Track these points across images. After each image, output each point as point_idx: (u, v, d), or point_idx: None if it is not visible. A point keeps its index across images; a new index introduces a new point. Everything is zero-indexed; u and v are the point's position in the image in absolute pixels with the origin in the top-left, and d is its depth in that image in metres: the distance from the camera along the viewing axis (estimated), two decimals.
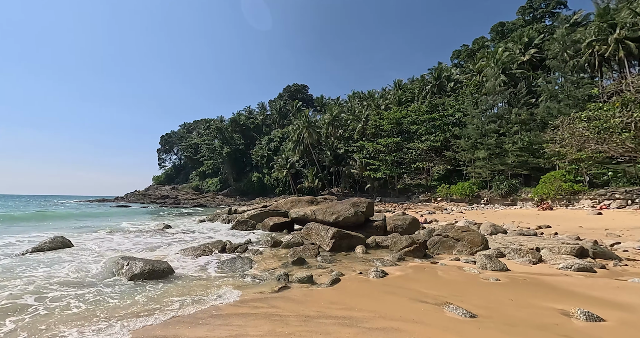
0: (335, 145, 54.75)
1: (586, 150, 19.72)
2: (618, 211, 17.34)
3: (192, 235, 9.67)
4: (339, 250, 8.02)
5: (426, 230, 9.26)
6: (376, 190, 48.45)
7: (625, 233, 9.70)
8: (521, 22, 56.27)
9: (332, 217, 10.68)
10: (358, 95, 67.35)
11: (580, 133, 19.88)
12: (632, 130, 18.12)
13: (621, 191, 20.03)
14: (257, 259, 6.72)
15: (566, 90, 30.14)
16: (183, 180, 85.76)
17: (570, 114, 24.64)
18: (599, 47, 37.48)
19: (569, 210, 20.66)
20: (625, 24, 35.43)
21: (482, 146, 32.01)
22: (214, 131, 74.05)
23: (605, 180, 24.80)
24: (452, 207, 31.33)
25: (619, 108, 19.40)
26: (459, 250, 7.61)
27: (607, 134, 18.91)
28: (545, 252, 6.79)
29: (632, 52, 35.76)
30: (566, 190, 23.01)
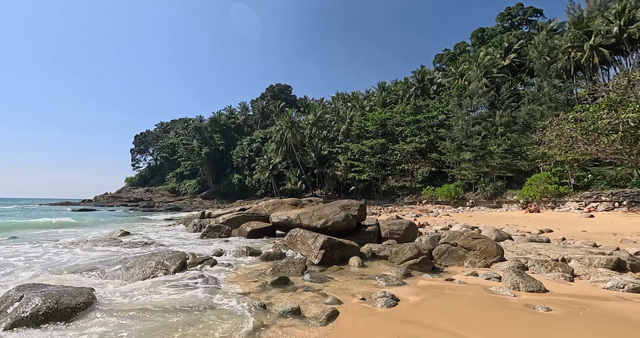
0: (319, 146, 53.52)
1: (575, 151, 19.56)
2: (608, 213, 17.11)
3: (150, 246, 7.95)
4: (330, 263, 6.65)
5: (428, 237, 8.09)
6: (360, 192, 47.55)
7: (639, 239, 8.96)
8: (500, 28, 57.72)
9: (320, 221, 9.31)
10: (342, 96, 66.63)
11: (569, 134, 19.71)
12: (619, 131, 18.07)
13: (607, 193, 20.00)
14: (227, 278, 5.22)
15: (548, 94, 30.50)
16: (159, 182, 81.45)
17: (552, 116, 24.76)
18: (575, 54, 38.63)
19: (556, 213, 20.40)
20: (600, 31, 36.65)
21: (467, 148, 31.81)
22: (193, 131, 70.87)
23: (587, 183, 25.02)
24: (437, 209, 30.80)
25: (605, 109, 19.39)
26: (472, 262, 6.44)
27: (595, 134, 18.81)
28: (574, 264, 5.74)
29: (606, 59, 37.09)
30: (552, 192, 22.90)
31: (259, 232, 10.39)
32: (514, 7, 56.73)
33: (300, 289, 4.77)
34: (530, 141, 27.48)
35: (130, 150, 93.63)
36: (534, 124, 28.75)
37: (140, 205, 56.48)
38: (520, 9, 56.39)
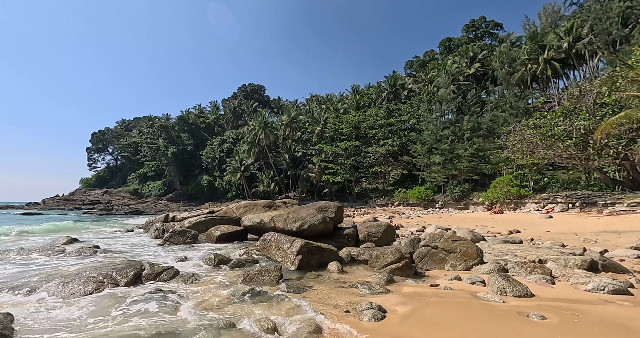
0: (293, 147, 52.86)
1: (535, 155, 20.84)
2: (564, 214, 18.32)
3: (99, 255, 6.93)
4: (308, 269, 6.16)
5: (407, 240, 7.90)
6: (334, 194, 47.55)
7: (597, 237, 9.48)
8: (465, 39, 61.04)
9: (296, 224, 8.79)
10: (316, 98, 66.57)
11: (529, 139, 20.99)
12: (573, 137, 19.52)
13: (562, 195, 21.50)
14: (189, 292, 4.53)
15: (509, 101, 32.50)
16: (119, 184, 75.77)
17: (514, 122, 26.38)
18: (531, 66, 41.74)
19: (518, 214, 21.55)
20: (552, 46, 39.89)
21: (437, 151, 32.93)
22: (159, 129, 66.88)
23: (543, 186, 26.85)
24: (409, 211, 31.46)
25: (561, 117, 20.90)
26: (452, 265, 6.29)
27: (552, 140, 20.17)
28: (551, 265, 5.77)
29: (558, 71, 40.43)
30: (514, 194, 24.24)
31: (229, 236, 9.63)
32: (477, 19, 60.31)
33: (275, 301, 4.24)
34: (494, 146, 29.05)
35: (86, 149, 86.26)
36: (498, 130, 30.48)
37: (97, 208, 51.95)
38: (483, 21, 60.07)
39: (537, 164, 23.99)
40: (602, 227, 11.62)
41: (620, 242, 8.69)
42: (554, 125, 20.41)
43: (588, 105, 20.35)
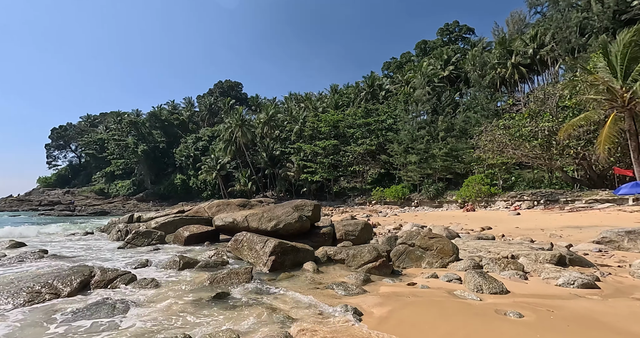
0: (271, 146, 52.02)
1: (505, 155, 21.76)
2: (530, 211, 19.26)
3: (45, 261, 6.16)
4: (282, 270, 5.85)
5: (385, 238, 7.80)
6: (313, 193, 47.34)
7: (562, 233, 9.92)
8: (440, 42, 63.03)
9: (271, 223, 8.43)
10: (295, 96, 66.04)
11: (500, 139, 21.89)
12: (539, 138, 20.58)
13: (528, 193, 22.63)
14: (145, 300, 4.07)
15: (481, 103, 33.84)
16: (83, 183, 70.95)
17: (485, 123, 27.48)
18: (500, 70, 43.78)
19: (489, 211, 22.43)
20: (519, 51, 42.06)
21: (413, 151, 33.62)
22: (128, 125, 63.30)
23: (510, 184, 28.17)
24: (386, 209, 31.90)
25: (528, 119, 21.98)
26: (429, 262, 6.23)
27: (520, 140, 21.16)
28: (523, 260, 5.85)
29: (524, 75, 42.70)
30: (485, 192, 25.21)
31: (199, 237, 9.07)
32: (451, 23, 62.47)
33: (243, 306, 3.90)
34: (466, 146, 30.11)
35: (45, 146, 79.88)
36: (470, 130, 31.63)
37: (56, 209, 48.21)
38: (457, 26, 62.34)
39: (506, 164, 25.10)
40: (565, 223, 12.25)
41: (582, 237, 9.13)
42: (522, 126, 21.44)
43: (551, 107, 21.56)
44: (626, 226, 11.34)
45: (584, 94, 16.02)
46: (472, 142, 26.87)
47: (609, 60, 14.52)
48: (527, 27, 48.91)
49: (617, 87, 13.97)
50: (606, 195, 17.59)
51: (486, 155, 23.18)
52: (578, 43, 34.72)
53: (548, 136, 21.11)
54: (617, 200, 16.28)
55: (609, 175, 20.84)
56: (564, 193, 20.51)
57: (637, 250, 6.79)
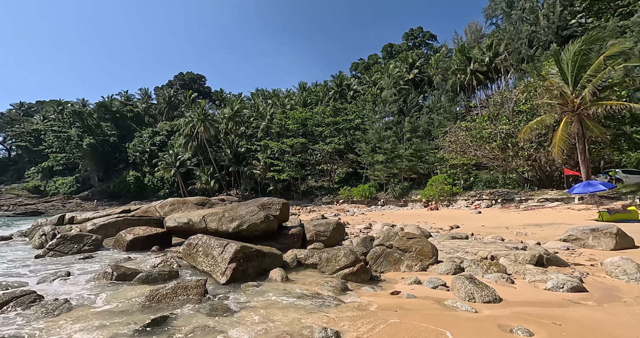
0: (236, 143, 49.78)
1: (467, 155, 22.62)
2: (489, 209, 20.17)
3: None
4: (244, 279, 4.97)
5: (359, 239, 7.22)
6: (279, 192, 46.08)
7: (525, 230, 10.17)
8: (405, 46, 65.20)
9: (233, 224, 7.45)
10: (262, 92, 64.16)
11: (462, 140, 22.73)
12: (497, 140, 21.66)
13: (487, 192, 23.82)
14: (42, 332, 2.97)
15: (444, 106, 35.28)
16: (13, 179, 62.05)
17: (448, 124, 28.58)
18: (460, 75, 46.17)
19: (451, 210, 23.20)
20: (477, 59, 44.68)
21: (380, 150, 34.03)
22: (71, 116, 56.51)
23: (469, 184, 29.62)
24: (353, 208, 31.88)
25: (487, 121, 23.08)
26: (408, 265, 5.75)
27: (481, 142, 22.13)
28: (504, 261, 5.60)
29: (482, 82, 45.44)
30: (447, 192, 26.14)
31: (146, 241, 7.76)
32: (415, 29, 64.92)
33: (189, 335, 3.00)
34: (430, 147, 31.12)
35: None
36: (433, 132, 32.77)
37: None
38: (421, 32, 64.92)
39: (466, 164, 26.24)
40: (525, 221, 12.76)
41: (546, 235, 9.38)
42: (482, 128, 22.45)
43: (508, 111, 22.87)
44: (578, 223, 12.09)
45: (539, 98, 17.03)
46: (436, 142, 27.73)
47: (560, 68, 15.53)
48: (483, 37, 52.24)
49: (569, 92, 15.00)
50: (554, 194, 18.95)
51: (450, 155, 23.97)
52: (527, 54, 37.61)
53: (505, 138, 22.35)
54: (565, 199, 17.59)
55: (556, 176, 22.61)
56: (518, 192, 21.84)
57: (601, 247, 6.95)
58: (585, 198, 15.94)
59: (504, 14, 42.55)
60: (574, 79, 15.01)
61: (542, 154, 21.00)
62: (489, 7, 44.37)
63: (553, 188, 20.94)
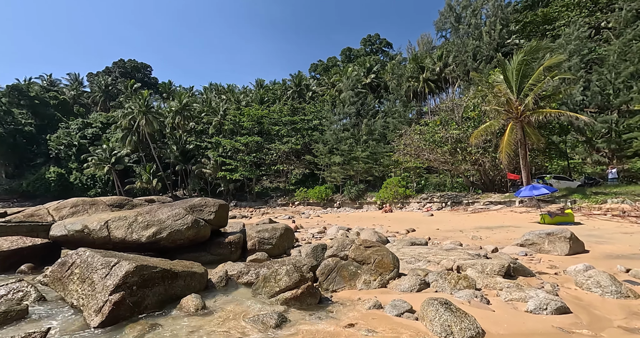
0: (184, 139, 45.70)
1: (420, 158, 23.01)
2: (440, 212, 20.60)
3: None
4: (136, 314, 3.45)
5: (310, 248, 6.05)
6: (231, 193, 43.27)
7: (479, 234, 9.98)
8: (363, 51, 66.74)
9: (148, 231, 5.77)
10: (216, 87, 60.41)
11: (416, 143, 23.08)
12: (448, 144, 22.36)
13: (437, 195, 24.51)
14: None
15: (398, 110, 36.21)
16: None
17: (403, 127, 29.17)
18: (413, 83, 48.25)
19: (404, 212, 23.37)
20: (429, 68, 47.08)
21: (337, 152, 33.62)
22: None
23: (421, 187, 30.57)
24: (309, 210, 30.85)
25: (439, 126, 23.81)
26: (366, 281, 4.72)
27: (433, 145, 22.66)
28: (471, 273, 4.87)
29: (433, 90, 47.94)
30: (401, 194, 26.45)
31: (14, 257, 5.64)
32: (373, 35, 66.85)
33: None
34: (385, 150, 31.52)
35: None
36: (389, 135, 33.32)
37: None
38: (378, 38, 67.03)
39: (419, 168, 26.90)
40: (476, 224, 12.85)
41: (499, 238, 9.22)
42: (435, 132, 23.07)
43: (458, 118, 23.87)
44: (523, 225, 12.49)
45: (488, 104, 17.79)
46: (392, 145, 28.06)
47: (506, 76, 16.34)
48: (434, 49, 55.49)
49: (513, 99, 15.80)
50: (498, 197, 19.99)
51: (404, 158, 24.24)
52: (472, 67, 40.54)
53: (455, 143, 23.25)
54: (507, 202, 18.58)
55: (498, 180, 24.11)
56: (466, 195, 22.76)
57: (556, 252, 6.74)
58: (525, 202, 16.91)
59: (452, 28, 45.40)
60: (518, 87, 15.83)
61: (487, 158, 22.18)
62: (439, 21, 47.01)
63: (496, 192, 22.20)
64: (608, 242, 8.16)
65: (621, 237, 8.82)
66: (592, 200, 14.58)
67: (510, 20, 40.43)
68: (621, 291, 4.06)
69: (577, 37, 26.97)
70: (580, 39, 27.25)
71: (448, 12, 44.49)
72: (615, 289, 4.08)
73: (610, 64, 22.56)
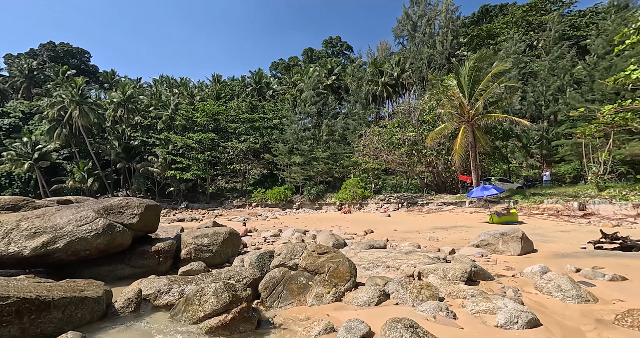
0: (128, 134, 41.27)
1: (379, 159, 23.18)
2: (397, 212, 20.87)
3: None
4: None
5: (255, 256, 5.14)
6: (182, 194, 40.04)
7: (435, 235, 9.92)
8: (325, 53, 67.02)
9: (34, 242, 4.41)
10: (167, 80, 55.87)
11: (375, 145, 23.23)
12: (406, 146, 22.85)
13: (394, 196, 24.96)
14: None
15: (358, 112, 36.61)
16: None
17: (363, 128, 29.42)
18: (372, 87, 49.43)
19: (363, 213, 23.36)
20: (388, 73, 48.59)
21: (297, 152, 32.83)
22: None
23: (379, 188, 31.10)
24: (267, 212, 29.57)
25: (397, 128, 24.28)
26: (318, 295, 3.99)
27: (391, 147, 22.99)
28: (433, 279, 4.41)
29: (391, 94, 49.54)
30: (360, 195, 26.51)
31: None
32: (334, 38, 67.56)
33: None
34: (345, 151, 31.51)
35: None
36: (349, 137, 33.43)
37: None
38: (339, 41, 67.88)
39: (377, 169, 27.23)
40: (431, 224, 12.97)
41: (454, 239, 9.19)
42: (393, 134, 23.46)
43: (414, 121, 24.59)
44: (475, 225, 12.87)
45: (442, 107, 18.41)
46: (352, 147, 28.07)
47: (459, 81, 17.03)
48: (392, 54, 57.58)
49: (466, 103, 16.50)
50: (450, 198, 20.85)
51: (363, 159, 24.29)
52: (427, 73, 42.69)
53: (411, 145, 23.89)
54: (458, 203, 19.42)
55: (449, 182, 25.30)
56: (421, 196, 23.47)
57: (509, 252, 6.71)
58: (475, 202, 17.76)
59: (409, 36, 47.39)
60: (470, 91, 16.56)
61: (440, 161, 23.09)
62: (397, 28, 48.82)
63: (448, 193, 23.20)
64: (551, 240, 8.52)
65: (561, 236, 9.33)
66: (531, 201, 15.70)
67: (460, 33, 43.35)
68: (582, 295, 3.87)
69: (514, 52, 29.58)
70: (517, 53, 29.94)
71: (405, 20, 46.31)
72: (576, 293, 3.88)
73: (542, 77, 24.96)
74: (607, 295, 4.04)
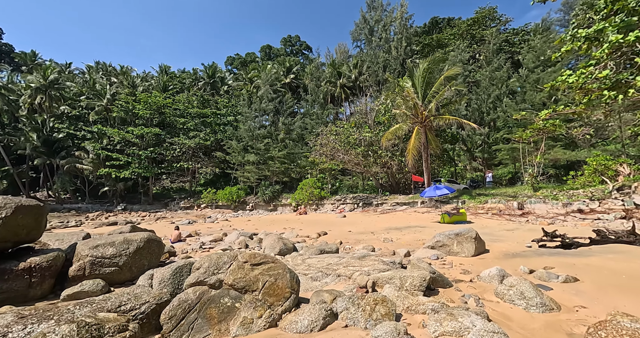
0: (51, 125, 35.61)
1: (336, 160, 22.77)
2: (353, 213, 20.61)
3: None
4: None
5: (171, 269, 4.00)
6: (120, 194, 35.64)
7: (390, 236, 9.55)
8: (283, 51, 65.83)
9: None
10: (104, 67, 49.79)
11: (332, 144, 22.81)
12: (362, 146, 22.79)
13: (350, 197, 24.79)
14: None
15: (316, 112, 36.14)
16: None
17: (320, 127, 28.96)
18: (331, 88, 49.56)
19: (319, 214, 22.76)
20: (346, 75, 49.12)
21: (252, 150, 31.22)
22: None
23: (335, 189, 30.88)
24: (217, 214, 27.46)
25: (354, 128, 24.18)
26: (246, 321, 3.04)
27: (348, 147, 22.76)
28: (389, 291, 3.73)
29: (349, 96, 50.07)
30: (316, 196, 25.89)
31: None
32: (293, 36, 66.76)
33: None
34: (303, 151, 30.74)
35: None
36: (306, 136, 32.73)
37: None
38: (298, 40, 67.24)
39: (334, 169, 26.92)
40: (386, 225, 12.73)
41: (409, 239, 8.87)
42: (350, 134, 23.29)
43: (370, 122, 24.76)
44: (427, 225, 12.88)
45: (398, 107, 18.60)
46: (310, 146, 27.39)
47: (414, 82, 17.34)
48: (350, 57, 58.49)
49: (419, 103, 16.83)
50: (403, 198, 21.22)
51: (320, 159, 23.73)
52: (382, 77, 43.97)
53: (367, 146, 23.99)
54: (411, 203, 19.80)
55: (403, 182, 25.92)
56: (376, 197, 23.61)
57: (464, 253, 6.45)
58: (426, 202, 18.19)
59: (366, 39, 48.45)
60: (423, 93, 16.90)
61: (394, 162, 23.47)
62: (355, 31, 49.63)
63: (401, 194, 23.68)
64: (499, 239, 8.61)
65: (507, 234, 9.57)
66: (477, 201, 16.46)
67: (413, 41, 45.43)
68: (545, 303, 3.50)
69: (460, 60, 31.68)
70: (462, 62, 32.10)
71: (363, 24, 47.19)
72: (540, 301, 3.50)
73: (483, 86, 26.90)
74: (567, 300, 3.75)
